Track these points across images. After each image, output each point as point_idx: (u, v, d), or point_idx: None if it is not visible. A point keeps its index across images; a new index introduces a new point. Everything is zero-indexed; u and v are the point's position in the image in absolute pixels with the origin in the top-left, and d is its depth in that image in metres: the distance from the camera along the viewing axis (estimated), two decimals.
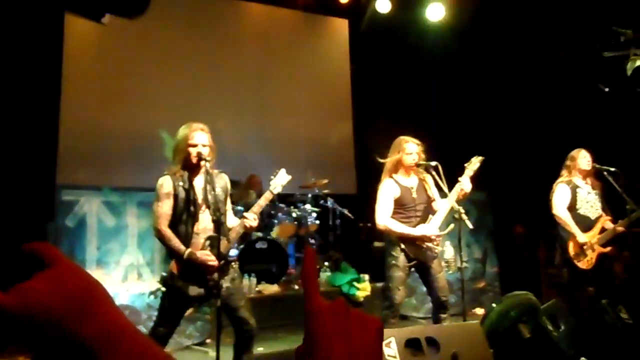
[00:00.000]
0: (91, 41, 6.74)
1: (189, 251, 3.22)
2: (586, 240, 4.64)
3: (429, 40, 8.23)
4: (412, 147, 4.04)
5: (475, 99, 7.82)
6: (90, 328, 0.50)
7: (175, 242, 3.22)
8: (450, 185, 4.01)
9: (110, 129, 6.73)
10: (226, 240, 3.27)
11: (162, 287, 3.37)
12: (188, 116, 3.62)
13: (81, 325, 0.50)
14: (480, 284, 6.47)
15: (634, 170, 4.99)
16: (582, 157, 4.85)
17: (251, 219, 3.35)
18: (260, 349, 4.38)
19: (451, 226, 4.03)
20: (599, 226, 4.74)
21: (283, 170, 3.58)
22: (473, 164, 4.11)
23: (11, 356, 0.50)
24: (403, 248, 3.94)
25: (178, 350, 4.65)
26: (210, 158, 3.27)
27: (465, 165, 4.10)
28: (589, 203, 4.79)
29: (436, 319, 4.01)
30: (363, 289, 6.06)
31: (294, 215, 6.60)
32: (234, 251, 5.31)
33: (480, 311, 5.99)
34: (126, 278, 4.86)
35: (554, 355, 3.15)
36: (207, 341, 5.00)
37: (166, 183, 3.27)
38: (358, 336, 0.58)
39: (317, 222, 6.75)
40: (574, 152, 4.91)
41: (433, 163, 4.04)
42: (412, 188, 4.06)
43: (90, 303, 0.52)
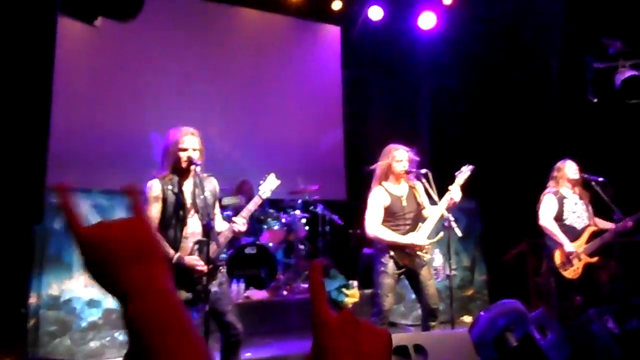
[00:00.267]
0: (83, 44, 6.70)
1: (178, 255, 3.20)
2: (573, 249, 4.67)
3: (420, 48, 8.29)
4: (402, 155, 4.05)
5: (465, 107, 7.86)
6: (135, 274, 0.60)
7: (163, 246, 3.21)
8: (440, 193, 4.02)
9: (100, 132, 6.69)
10: (215, 244, 3.26)
11: None
12: (178, 120, 3.61)
13: (129, 269, 0.60)
14: (468, 292, 6.48)
15: (622, 180, 5.02)
16: (569, 167, 4.89)
17: (240, 224, 3.35)
18: (248, 355, 4.35)
19: (440, 234, 4.03)
20: (586, 236, 4.77)
21: (272, 175, 3.58)
22: (464, 173, 4.12)
23: None
24: (392, 255, 3.93)
25: None
26: (200, 162, 3.26)
27: (455, 174, 4.12)
28: (576, 213, 4.82)
29: (425, 327, 4.00)
30: (352, 296, 6.05)
31: (284, 220, 6.59)
32: (223, 256, 5.28)
33: (468, 319, 5.98)
34: None
35: None
36: None
37: (155, 186, 3.25)
38: (367, 348, 0.58)
39: (307, 228, 6.74)
40: (560, 164, 4.95)
41: (423, 170, 4.04)
42: (402, 197, 4.05)
43: (145, 256, 0.62)
